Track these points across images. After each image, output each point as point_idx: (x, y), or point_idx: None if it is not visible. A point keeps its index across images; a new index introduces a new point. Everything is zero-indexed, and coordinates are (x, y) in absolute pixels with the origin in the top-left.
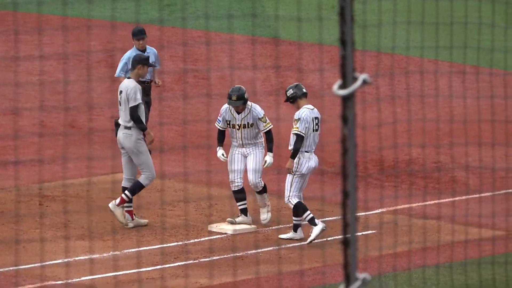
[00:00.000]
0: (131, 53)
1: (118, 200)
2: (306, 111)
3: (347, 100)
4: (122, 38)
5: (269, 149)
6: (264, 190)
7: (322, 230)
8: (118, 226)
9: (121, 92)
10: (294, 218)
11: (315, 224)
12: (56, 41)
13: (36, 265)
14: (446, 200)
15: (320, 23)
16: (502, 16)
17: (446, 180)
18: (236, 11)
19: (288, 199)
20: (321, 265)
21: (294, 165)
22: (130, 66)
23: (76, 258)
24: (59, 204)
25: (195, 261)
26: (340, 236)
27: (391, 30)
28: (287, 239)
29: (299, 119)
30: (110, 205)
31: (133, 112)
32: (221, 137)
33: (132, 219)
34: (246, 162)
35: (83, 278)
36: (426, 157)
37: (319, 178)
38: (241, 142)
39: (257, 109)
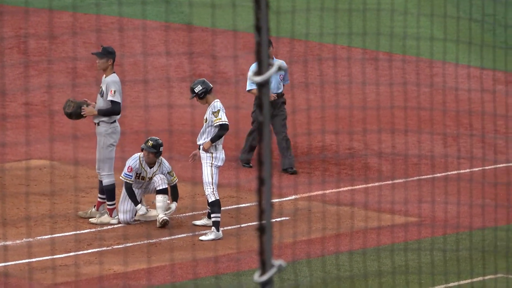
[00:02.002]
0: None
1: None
2: (220, 104)
3: (262, 87)
4: (35, 24)
5: (174, 198)
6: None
7: (217, 239)
8: (31, 212)
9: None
10: (213, 215)
11: (218, 230)
12: None
13: None
14: (359, 186)
15: (234, 9)
16: (414, 3)
17: (359, 166)
18: None
19: (213, 192)
20: (235, 252)
21: (210, 160)
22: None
23: None
24: None
25: (108, 248)
26: (254, 223)
27: (305, 16)
28: (201, 225)
29: (219, 110)
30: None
31: None
32: (133, 192)
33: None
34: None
35: None
36: (340, 143)
37: (234, 165)
38: (143, 190)
39: (167, 164)
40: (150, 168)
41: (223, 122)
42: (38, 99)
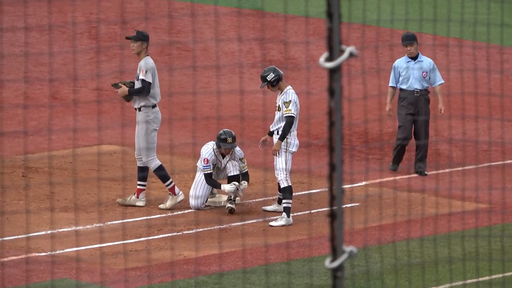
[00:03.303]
0: (398, 62)
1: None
2: (293, 92)
3: (333, 73)
4: (105, 9)
5: (245, 179)
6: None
7: (287, 225)
8: (102, 198)
9: None
10: (284, 201)
11: (289, 216)
12: (39, 12)
13: (20, 236)
14: (430, 173)
15: None
16: None
17: (429, 153)
18: None
19: (285, 178)
20: (305, 238)
21: (284, 146)
22: (396, 75)
23: (60, 230)
24: (43, 176)
25: (179, 233)
26: (325, 209)
27: (376, 2)
28: (271, 211)
29: (290, 101)
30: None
31: None
32: (214, 180)
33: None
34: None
35: (67, 250)
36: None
37: (305, 151)
38: (215, 177)
39: (239, 150)
40: (223, 158)
41: (290, 114)
42: (108, 85)
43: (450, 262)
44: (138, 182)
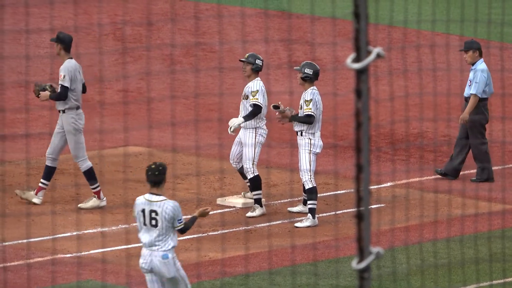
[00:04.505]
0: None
1: None
2: (316, 93)
3: (361, 74)
4: (130, 10)
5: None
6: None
7: (313, 226)
8: (128, 199)
9: None
10: (309, 202)
11: (314, 217)
12: (64, 14)
13: (45, 238)
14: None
15: None
16: None
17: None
18: None
19: (310, 179)
20: (331, 239)
21: (308, 147)
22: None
23: (86, 231)
24: (68, 177)
25: (204, 235)
26: (350, 210)
27: (403, 3)
28: (296, 212)
29: (311, 100)
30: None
31: None
32: None
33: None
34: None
35: (92, 251)
36: (436, 130)
37: (329, 152)
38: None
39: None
40: None
41: (309, 113)
42: (133, 86)
43: (476, 263)
44: (42, 180)
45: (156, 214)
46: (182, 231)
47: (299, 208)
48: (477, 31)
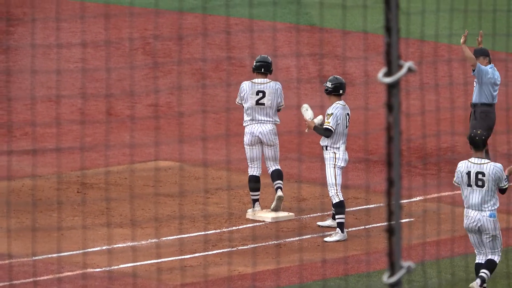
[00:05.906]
0: None
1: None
2: (340, 107)
3: (392, 88)
4: (159, 25)
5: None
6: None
7: (342, 240)
8: (158, 214)
9: None
10: (337, 216)
11: (343, 231)
12: (93, 28)
13: (75, 252)
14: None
15: (364, 10)
16: None
17: None
18: None
19: (337, 193)
20: (360, 253)
21: (332, 161)
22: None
23: (116, 246)
24: (98, 191)
25: (234, 249)
26: (379, 224)
27: (434, 18)
28: (326, 226)
29: (331, 114)
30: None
31: None
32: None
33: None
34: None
35: (122, 266)
36: (467, 145)
37: (360, 166)
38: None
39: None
40: None
41: (327, 126)
42: (163, 101)
43: (507, 277)
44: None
45: (483, 175)
46: (504, 191)
47: (328, 222)
48: (508, 46)
